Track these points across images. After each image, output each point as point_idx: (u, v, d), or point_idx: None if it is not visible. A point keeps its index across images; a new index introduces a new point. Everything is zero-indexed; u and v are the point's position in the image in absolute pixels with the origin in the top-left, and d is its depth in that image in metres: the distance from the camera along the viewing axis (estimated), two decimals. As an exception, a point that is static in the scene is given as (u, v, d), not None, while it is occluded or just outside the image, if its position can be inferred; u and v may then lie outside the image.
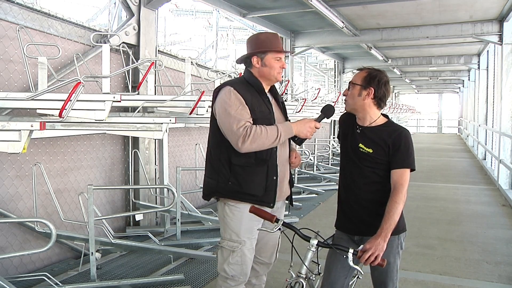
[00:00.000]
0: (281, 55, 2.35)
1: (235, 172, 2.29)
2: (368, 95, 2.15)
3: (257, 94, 2.33)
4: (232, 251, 2.30)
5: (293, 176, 2.58)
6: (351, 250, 1.88)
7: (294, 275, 2.01)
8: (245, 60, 2.41)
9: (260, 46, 2.34)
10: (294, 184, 7.86)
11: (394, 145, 2.12)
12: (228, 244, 2.32)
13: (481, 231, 5.30)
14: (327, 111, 2.36)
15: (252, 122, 2.22)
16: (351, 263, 1.87)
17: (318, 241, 1.98)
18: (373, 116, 2.19)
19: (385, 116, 2.25)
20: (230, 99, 2.24)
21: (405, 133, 2.16)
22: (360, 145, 2.17)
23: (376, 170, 2.15)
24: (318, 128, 2.31)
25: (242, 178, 2.29)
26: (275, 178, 2.30)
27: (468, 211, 6.39)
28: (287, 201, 2.56)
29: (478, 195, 7.65)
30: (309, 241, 1.98)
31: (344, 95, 2.26)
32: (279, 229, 2.00)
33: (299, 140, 2.34)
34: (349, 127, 2.28)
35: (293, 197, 2.65)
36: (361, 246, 1.94)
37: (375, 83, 2.14)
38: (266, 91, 2.41)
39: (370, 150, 2.15)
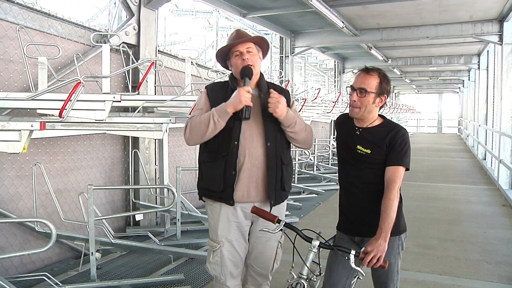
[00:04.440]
0: (239, 49, 2.21)
1: (201, 168, 2.34)
2: (381, 101, 2.15)
3: (230, 90, 2.27)
4: (212, 250, 2.29)
5: (288, 175, 2.38)
6: (352, 252, 1.87)
7: (295, 276, 2.01)
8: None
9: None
10: (295, 184, 7.95)
11: (391, 143, 2.11)
12: (210, 243, 2.33)
13: (481, 231, 5.30)
14: (244, 72, 2.20)
15: None
16: (352, 265, 1.86)
17: (320, 242, 1.97)
18: (374, 118, 2.20)
19: (382, 116, 2.25)
20: (197, 101, 2.35)
21: (402, 132, 2.15)
22: (358, 146, 2.17)
23: (374, 170, 2.14)
24: (249, 92, 2.12)
25: (205, 174, 2.30)
26: (234, 173, 2.19)
27: (468, 211, 6.39)
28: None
29: (478, 195, 7.65)
30: (311, 242, 1.97)
31: (353, 100, 2.13)
32: (281, 229, 1.99)
33: (245, 113, 2.14)
34: (347, 129, 2.27)
35: (293, 197, 2.59)
36: (363, 248, 1.93)
37: (387, 90, 2.14)
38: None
39: (368, 151, 2.14)
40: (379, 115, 2.24)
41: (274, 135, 2.26)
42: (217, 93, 2.29)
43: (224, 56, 2.33)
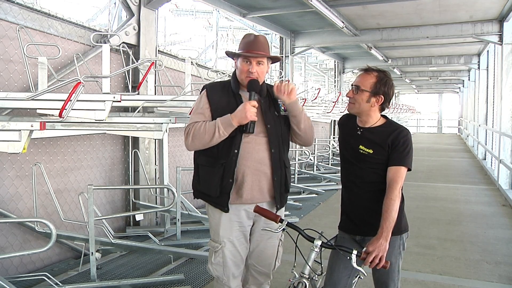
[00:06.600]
0: (250, 58, 2.21)
1: (198, 171, 2.35)
2: (377, 102, 2.15)
3: (233, 95, 2.27)
4: (214, 251, 2.29)
5: (290, 177, 2.42)
6: (354, 252, 1.87)
7: (297, 275, 2.01)
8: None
9: (238, 47, 2.29)
10: (295, 184, 7.94)
11: (393, 143, 2.12)
12: (211, 244, 2.32)
13: (481, 231, 5.30)
14: (251, 86, 2.20)
15: None
16: (354, 265, 1.86)
17: (322, 241, 1.98)
18: (374, 119, 2.20)
19: (384, 116, 2.25)
20: (197, 103, 2.32)
21: (405, 132, 2.16)
22: (361, 146, 2.18)
23: (376, 170, 2.15)
24: (255, 106, 2.13)
25: (202, 177, 2.31)
26: (231, 181, 2.20)
27: (468, 211, 6.39)
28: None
29: (478, 195, 7.65)
30: (313, 242, 1.98)
31: (348, 96, 2.20)
32: (283, 229, 2.00)
33: (249, 128, 2.14)
34: (349, 129, 2.29)
35: (293, 197, 2.60)
36: (364, 248, 1.93)
37: (385, 91, 2.13)
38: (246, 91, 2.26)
39: (370, 151, 2.15)
40: (382, 115, 2.24)
41: (277, 140, 2.27)
42: (219, 96, 2.26)
43: (233, 53, 2.32)
